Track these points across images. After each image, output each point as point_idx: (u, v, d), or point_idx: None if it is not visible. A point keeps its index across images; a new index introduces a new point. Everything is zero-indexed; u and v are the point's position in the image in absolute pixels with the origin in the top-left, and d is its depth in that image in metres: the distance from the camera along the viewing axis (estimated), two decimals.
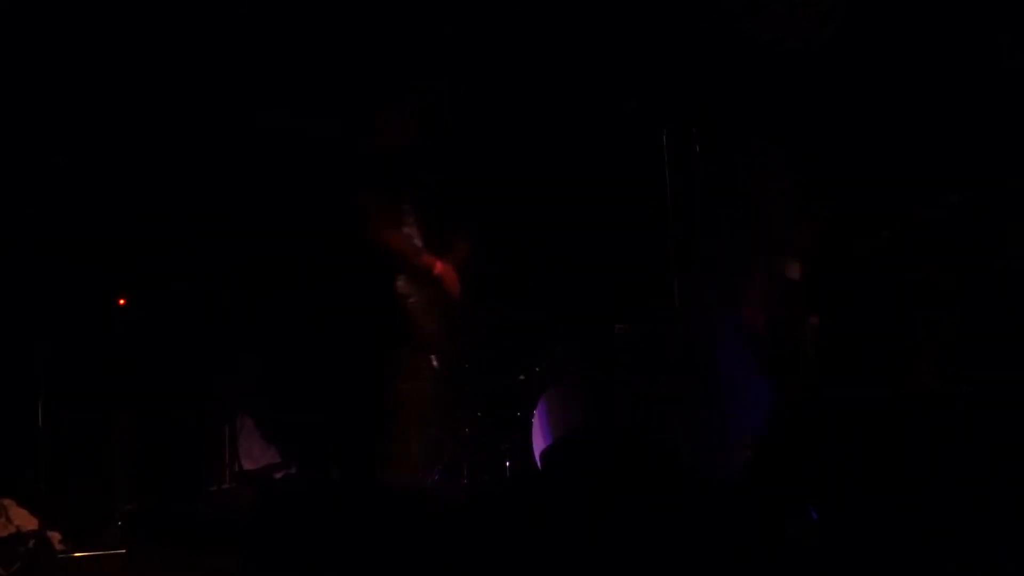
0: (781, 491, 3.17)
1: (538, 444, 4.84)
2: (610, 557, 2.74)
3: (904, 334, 3.96)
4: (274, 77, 4.69)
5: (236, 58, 4.69)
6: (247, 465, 4.82)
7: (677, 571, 2.71)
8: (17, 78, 4.39)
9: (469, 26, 4.59)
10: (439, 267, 4.10)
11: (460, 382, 5.12)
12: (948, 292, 3.89)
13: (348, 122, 4.40)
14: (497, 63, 4.79)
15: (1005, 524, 2.73)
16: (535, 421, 4.92)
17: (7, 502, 3.80)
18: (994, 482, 2.84)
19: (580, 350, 5.05)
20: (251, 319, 4.90)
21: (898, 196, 4.12)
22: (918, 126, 4.16)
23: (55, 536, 3.82)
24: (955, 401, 3.25)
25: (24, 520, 3.77)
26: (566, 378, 5.09)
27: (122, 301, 4.84)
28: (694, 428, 4.22)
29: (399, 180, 4.16)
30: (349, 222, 4.14)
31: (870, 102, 4.31)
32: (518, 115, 4.96)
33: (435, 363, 4.09)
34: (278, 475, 4.83)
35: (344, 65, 4.69)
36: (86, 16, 4.39)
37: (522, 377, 5.21)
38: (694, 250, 4.11)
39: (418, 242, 4.15)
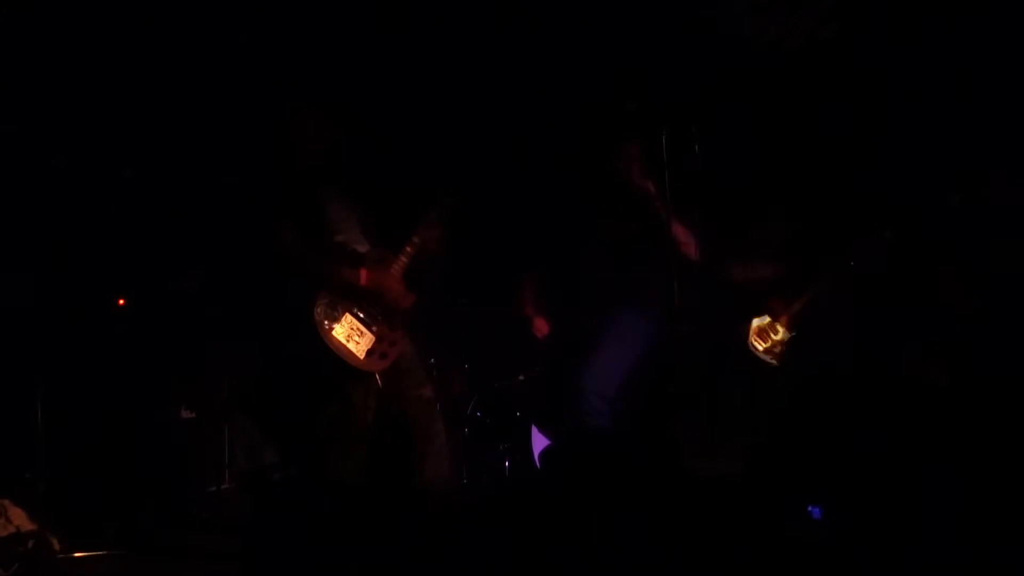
0: (781, 488, 3.17)
1: (538, 444, 4.85)
2: (610, 557, 2.74)
3: (909, 329, 3.95)
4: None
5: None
6: (247, 465, 4.82)
7: (677, 571, 2.71)
8: (17, 78, 4.39)
9: (467, 22, 4.57)
10: (364, 277, 3.69)
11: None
12: (953, 288, 3.89)
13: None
14: (493, 63, 4.78)
15: (1006, 520, 2.73)
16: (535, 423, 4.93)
17: (5, 502, 3.74)
18: (997, 476, 2.84)
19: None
20: (249, 319, 4.89)
21: (899, 196, 4.13)
22: (918, 126, 4.17)
23: (54, 537, 3.81)
24: (959, 395, 3.26)
25: (22, 520, 3.73)
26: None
27: (121, 301, 4.84)
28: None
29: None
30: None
31: (870, 102, 4.31)
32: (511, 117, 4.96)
33: (379, 382, 3.75)
34: (278, 475, 4.83)
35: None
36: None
37: (521, 377, 5.22)
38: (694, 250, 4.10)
39: (361, 247, 3.79)
